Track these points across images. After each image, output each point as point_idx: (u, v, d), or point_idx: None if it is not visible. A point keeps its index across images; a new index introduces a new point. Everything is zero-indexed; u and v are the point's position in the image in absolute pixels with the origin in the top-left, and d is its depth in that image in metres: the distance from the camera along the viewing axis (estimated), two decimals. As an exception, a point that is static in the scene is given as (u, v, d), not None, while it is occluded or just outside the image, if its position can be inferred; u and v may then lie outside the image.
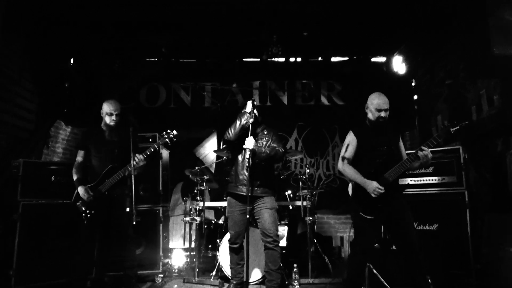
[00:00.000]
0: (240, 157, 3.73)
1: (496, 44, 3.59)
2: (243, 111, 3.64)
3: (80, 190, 3.78)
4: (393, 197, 3.25)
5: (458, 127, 3.11)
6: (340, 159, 3.44)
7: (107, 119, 3.89)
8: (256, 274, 4.15)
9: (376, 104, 3.32)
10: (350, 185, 3.45)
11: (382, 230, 4.18)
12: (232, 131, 3.64)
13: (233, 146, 3.80)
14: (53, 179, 4.57)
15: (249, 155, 3.45)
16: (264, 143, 3.71)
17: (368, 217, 3.24)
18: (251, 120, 3.55)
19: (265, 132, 3.79)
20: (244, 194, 3.59)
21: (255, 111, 3.61)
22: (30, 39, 5.02)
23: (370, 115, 3.40)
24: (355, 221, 3.41)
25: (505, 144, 4.17)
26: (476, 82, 4.63)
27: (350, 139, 3.42)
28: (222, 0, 4.83)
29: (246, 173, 3.59)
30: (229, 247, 3.79)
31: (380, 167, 3.25)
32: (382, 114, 3.30)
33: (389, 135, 3.41)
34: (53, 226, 4.41)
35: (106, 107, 3.89)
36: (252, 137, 3.51)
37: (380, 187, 3.17)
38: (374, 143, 3.34)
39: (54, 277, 4.30)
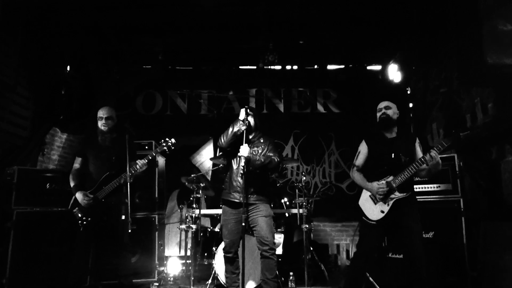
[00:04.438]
0: (234, 164, 3.73)
1: (490, 53, 3.63)
2: (237, 119, 3.65)
3: (79, 195, 3.75)
4: (401, 204, 3.26)
5: (467, 132, 3.19)
6: (352, 166, 3.60)
7: (99, 124, 3.90)
8: (252, 283, 4.12)
9: (377, 108, 3.52)
10: (363, 192, 3.50)
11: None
12: (224, 138, 3.64)
13: (228, 153, 3.80)
14: (48, 186, 4.54)
15: (244, 162, 3.44)
16: (260, 151, 3.70)
17: (370, 222, 3.30)
18: (243, 128, 3.53)
19: (262, 140, 3.77)
20: (238, 201, 3.59)
21: (249, 118, 3.61)
22: (26, 44, 5.01)
23: (377, 119, 3.53)
24: (359, 225, 3.48)
25: (500, 151, 4.20)
26: (470, 90, 4.67)
27: (362, 147, 3.56)
28: (220, 6, 4.86)
29: (240, 180, 3.59)
30: (224, 256, 3.76)
31: (387, 174, 3.31)
32: (383, 110, 3.44)
33: (400, 142, 3.42)
34: (48, 234, 4.38)
35: (98, 113, 3.91)
36: (246, 144, 3.49)
37: (381, 185, 3.26)
38: (383, 150, 3.41)
39: (48, 286, 4.25)
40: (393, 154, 3.35)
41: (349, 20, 5.27)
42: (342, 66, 6.73)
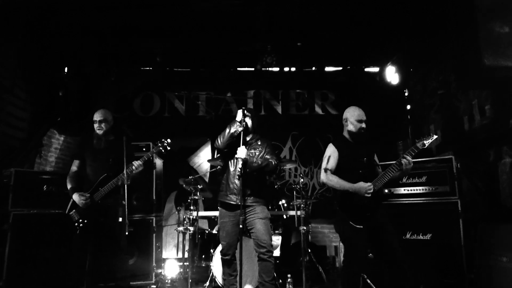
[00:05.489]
0: (231, 166, 3.72)
1: (487, 55, 3.64)
2: (234, 120, 3.64)
3: (75, 197, 3.74)
4: (378, 207, 3.31)
5: (423, 142, 3.23)
6: (322, 171, 3.46)
7: (95, 127, 3.91)
8: (249, 286, 4.12)
9: (357, 115, 3.46)
10: (341, 196, 3.43)
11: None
12: (221, 139, 3.63)
13: (225, 155, 3.80)
14: (45, 188, 4.53)
15: (241, 164, 3.43)
16: (257, 153, 3.69)
17: (357, 226, 3.25)
18: (240, 129, 3.53)
19: (259, 143, 3.76)
20: (234, 203, 3.58)
21: (246, 119, 3.60)
22: (25, 45, 5.00)
23: (351, 127, 3.49)
24: (344, 232, 3.39)
25: (497, 153, 4.20)
26: (467, 92, 4.68)
27: (331, 151, 3.49)
28: (219, 6, 4.86)
29: (237, 182, 3.57)
30: (221, 258, 3.74)
31: (363, 178, 3.30)
32: (363, 125, 3.43)
33: (368, 147, 3.51)
34: (45, 236, 4.36)
35: (93, 116, 3.91)
36: (244, 146, 3.49)
37: (369, 184, 3.25)
38: (355, 154, 3.42)
39: (45, 288, 4.24)
40: (365, 158, 3.39)
41: (347, 22, 5.27)
42: (340, 68, 6.73)
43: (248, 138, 3.73)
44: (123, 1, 4.75)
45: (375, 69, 6.77)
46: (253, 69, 6.55)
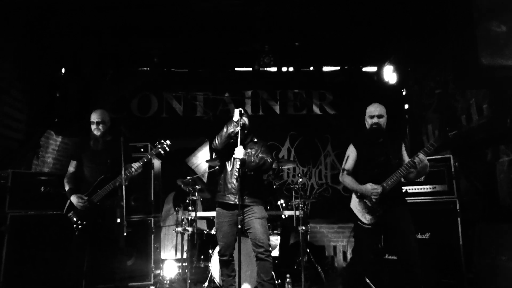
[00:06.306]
0: (228, 166, 3.71)
1: (484, 54, 3.64)
2: (231, 120, 3.64)
3: (73, 199, 3.72)
4: (392, 206, 3.24)
5: (455, 132, 3.15)
6: (341, 170, 3.52)
7: (92, 128, 3.88)
8: (248, 286, 4.11)
9: (368, 111, 3.42)
10: (353, 195, 3.44)
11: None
12: (219, 139, 3.63)
13: (222, 155, 3.79)
14: (42, 189, 4.51)
15: (239, 164, 3.43)
16: (253, 152, 3.69)
17: (366, 226, 3.25)
18: (237, 129, 3.52)
19: (255, 140, 3.79)
20: (233, 202, 3.58)
21: (244, 119, 3.60)
22: (24, 46, 4.98)
23: (366, 124, 3.47)
24: (354, 230, 3.43)
25: (495, 153, 4.21)
26: (465, 91, 4.69)
27: (350, 151, 3.50)
28: (218, 7, 4.85)
29: (235, 182, 3.57)
30: (219, 259, 3.74)
31: (379, 177, 3.26)
32: (374, 120, 3.36)
33: (387, 145, 3.41)
34: (42, 237, 4.33)
35: (91, 117, 3.88)
36: (241, 146, 3.48)
37: (375, 186, 3.20)
38: (372, 153, 3.38)
39: (43, 289, 4.21)
40: (383, 157, 3.33)
41: (346, 22, 5.27)
42: (338, 68, 6.75)
43: (245, 138, 3.72)
44: (123, 1, 4.74)
45: (373, 69, 6.79)
46: (251, 69, 6.55)
